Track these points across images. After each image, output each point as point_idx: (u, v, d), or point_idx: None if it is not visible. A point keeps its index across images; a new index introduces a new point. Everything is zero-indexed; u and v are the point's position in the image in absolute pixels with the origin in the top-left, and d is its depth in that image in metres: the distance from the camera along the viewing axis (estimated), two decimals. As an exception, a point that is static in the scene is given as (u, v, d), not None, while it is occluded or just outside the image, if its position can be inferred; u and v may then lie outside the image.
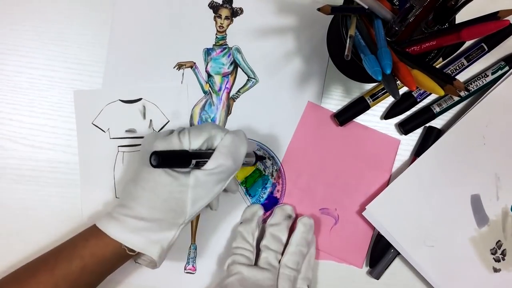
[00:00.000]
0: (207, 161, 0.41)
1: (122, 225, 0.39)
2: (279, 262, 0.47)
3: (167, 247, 0.41)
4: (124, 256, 0.40)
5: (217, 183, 0.42)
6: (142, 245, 0.39)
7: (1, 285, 0.39)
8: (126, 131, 0.52)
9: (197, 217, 0.52)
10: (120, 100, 0.52)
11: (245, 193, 0.53)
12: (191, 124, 0.53)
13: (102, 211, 0.51)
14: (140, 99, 0.53)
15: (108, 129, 0.52)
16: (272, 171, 0.53)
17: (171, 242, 0.41)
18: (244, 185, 0.53)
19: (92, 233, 0.40)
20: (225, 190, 0.47)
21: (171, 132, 0.43)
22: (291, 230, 0.50)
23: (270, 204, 0.53)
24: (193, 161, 0.40)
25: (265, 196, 0.53)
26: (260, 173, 0.53)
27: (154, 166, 0.38)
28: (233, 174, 0.43)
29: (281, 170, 0.53)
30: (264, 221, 0.51)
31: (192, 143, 0.41)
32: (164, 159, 0.38)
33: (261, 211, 0.50)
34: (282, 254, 0.48)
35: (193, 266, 0.51)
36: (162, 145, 0.41)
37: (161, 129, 0.53)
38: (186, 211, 0.41)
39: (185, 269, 0.51)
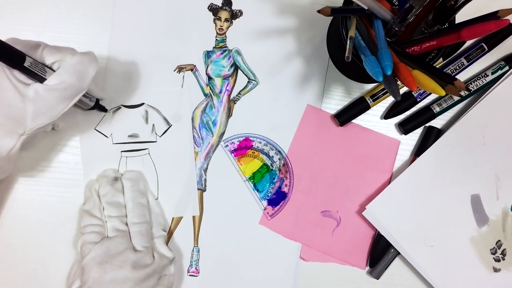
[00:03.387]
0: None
1: None
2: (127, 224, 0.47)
3: (6, 155, 0.40)
4: None
5: (60, 101, 0.40)
6: None
7: None
8: (129, 136, 0.52)
9: (200, 219, 0.52)
10: (122, 105, 0.52)
11: (253, 188, 0.53)
12: (193, 128, 0.53)
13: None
14: (143, 104, 0.53)
15: (111, 134, 0.52)
16: (279, 165, 0.53)
17: (11, 150, 0.40)
18: (252, 180, 0.53)
19: None
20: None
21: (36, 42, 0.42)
22: None
23: (279, 199, 0.53)
24: (27, 64, 0.39)
25: (273, 191, 0.53)
26: (267, 168, 0.53)
27: None
28: (77, 94, 0.42)
29: (288, 164, 0.53)
30: None
31: (45, 57, 0.41)
32: (1, 47, 0.37)
33: (96, 184, 0.49)
34: None
35: (196, 269, 0.51)
36: (18, 45, 0.40)
37: (164, 133, 0.52)
38: (26, 123, 0.40)
39: (188, 272, 0.51)
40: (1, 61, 0.39)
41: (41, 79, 0.40)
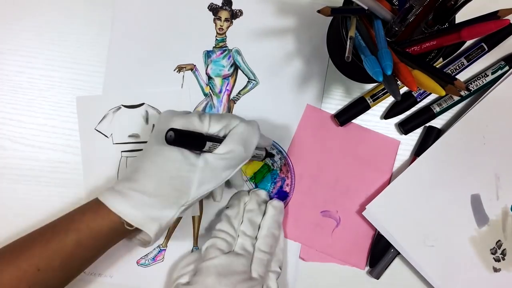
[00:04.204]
0: (218, 146, 0.41)
1: (124, 198, 0.38)
2: (254, 246, 0.47)
3: (165, 226, 0.40)
4: (120, 232, 0.39)
5: (225, 169, 0.41)
6: (141, 221, 0.38)
7: None
8: (129, 136, 0.52)
9: (199, 219, 0.52)
10: (122, 105, 0.52)
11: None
12: None
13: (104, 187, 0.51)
14: (143, 104, 0.53)
15: (111, 134, 0.52)
16: (281, 165, 0.53)
17: (169, 221, 0.40)
18: (253, 180, 0.53)
19: (91, 207, 0.40)
20: (229, 185, 0.46)
21: (189, 112, 0.43)
22: None
23: (280, 198, 0.53)
24: (207, 146, 0.39)
25: (274, 191, 0.53)
26: (268, 168, 0.53)
27: (168, 142, 0.37)
28: (243, 162, 0.43)
29: (289, 164, 0.53)
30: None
31: (212, 126, 0.41)
32: (180, 136, 0.37)
33: (247, 198, 0.50)
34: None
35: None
36: (180, 122, 0.40)
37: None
38: (190, 192, 0.40)
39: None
40: (184, 147, 0.40)
41: (213, 146, 0.41)
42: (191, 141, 0.39)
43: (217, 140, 0.41)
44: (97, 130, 0.52)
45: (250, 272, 0.45)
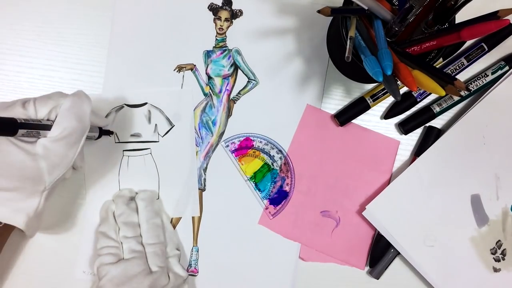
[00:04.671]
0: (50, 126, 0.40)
1: None
2: (142, 244, 0.47)
3: (34, 215, 0.40)
4: None
5: (69, 148, 0.41)
6: (7, 215, 0.39)
7: None
8: (131, 135, 0.52)
9: (199, 219, 0.52)
10: (125, 104, 0.52)
11: (254, 188, 0.53)
12: (195, 127, 0.53)
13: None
14: (146, 103, 0.53)
15: (114, 133, 0.52)
16: (281, 164, 0.53)
17: (37, 209, 0.40)
18: (253, 180, 0.53)
19: None
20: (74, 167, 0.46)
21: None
22: None
23: (280, 198, 0.53)
24: (22, 130, 0.39)
25: (275, 190, 0.53)
26: (268, 168, 0.53)
27: None
28: (82, 135, 0.42)
29: (289, 163, 0.53)
30: None
31: (39, 111, 0.41)
32: None
33: (113, 205, 0.49)
34: None
35: (195, 268, 0.51)
36: (3, 114, 0.40)
37: (166, 133, 0.53)
38: (44, 179, 0.40)
39: (187, 271, 0.51)
40: (2, 134, 0.39)
41: (44, 134, 0.40)
42: (3, 127, 0.38)
43: (40, 124, 0.40)
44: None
45: (148, 268, 0.45)
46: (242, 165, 0.53)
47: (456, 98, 0.53)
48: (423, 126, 0.54)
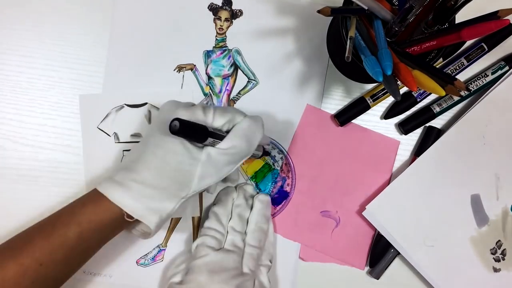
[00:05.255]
0: (220, 141, 0.41)
1: (124, 189, 0.38)
2: (243, 242, 0.47)
3: (165, 218, 0.40)
4: (121, 223, 0.39)
5: (227, 164, 0.41)
6: (141, 212, 0.38)
7: None
8: (131, 135, 0.52)
9: (199, 219, 0.52)
10: (125, 104, 0.52)
11: (254, 188, 0.53)
12: None
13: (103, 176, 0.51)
14: (145, 103, 0.53)
15: (114, 133, 0.52)
16: (282, 164, 0.53)
17: (170, 213, 0.40)
18: (254, 180, 0.53)
19: (91, 198, 0.39)
20: (225, 179, 0.46)
21: (193, 104, 0.42)
22: None
23: (281, 198, 0.53)
24: (210, 139, 0.39)
25: (275, 190, 0.53)
26: (269, 168, 0.53)
27: (172, 132, 0.36)
28: (244, 158, 0.42)
29: (290, 164, 0.53)
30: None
31: (216, 120, 0.41)
32: (184, 127, 0.36)
33: (235, 193, 0.50)
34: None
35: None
36: (185, 115, 0.40)
37: None
38: (191, 185, 0.40)
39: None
40: (188, 139, 0.39)
41: (216, 141, 0.41)
42: (195, 133, 0.38)
43: (220, 135, 0.41)
44: (99, 129, 0.52)
45: (241, 267, 0.45)
46: (243, 165, 0.53)
47: (456, 98, 0.53)
48: (423, 126, 0.54)
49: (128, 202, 0.38)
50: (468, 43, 0.54)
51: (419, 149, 0.53)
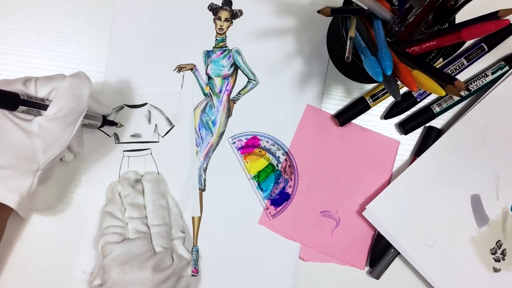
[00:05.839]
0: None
1: None
2: (147, 225, 0.47)
3: (27, 195, 0.40)
4: None
5: (64, 128, 0.40)
6: (0, 194, 0.38)
7: None
8: (131, 135, 0.52)
9: (199, 219, 0.52)
10: (125, 105, 0.52)
11: (257, 187, 0.53)
12: (195, 128, 0.53)
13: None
14: (146, 103, 0.53)
15: (113, 133, 0.52)
16: (285, 166, 0.53)
17: (30, 189, 0.40)
18: (256, 179, 0.53)
19: None
20: (68, 150, 0.47)
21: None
22: None
23: (282, 199, 0.53)
24: (23, 107, 0.39)
25: (277, 191, 0.53)
26: (273, 168, 0.53)
27: None
28: (79, 116, 0.42)
29: (294, 166, 0.53)
30: None
31: (39, 90, 0.41)
32: None
33: (119, 186, 0.50)
34: None
35: (195, 268, 0.51)
36: (2, 87, 0.39)
37: (166, 134, 0.52)
38: (38, 158, 0.40)
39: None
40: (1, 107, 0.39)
41: (41, 113, 0.40)
42: (1, 100, 0.38)
43: (41, 103, 0.40)
44: (99, 129, 0.52)
45: (152, 249, 0.45)
46: (247, 163, 0.53)
47: (456, 98, 0.53)
48: (423, 126, 0.54)
49: None
50: (468, 43, 0.54)
51: (419, 149, 0.53)
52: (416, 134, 0.54)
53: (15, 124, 0.39)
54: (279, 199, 0.53)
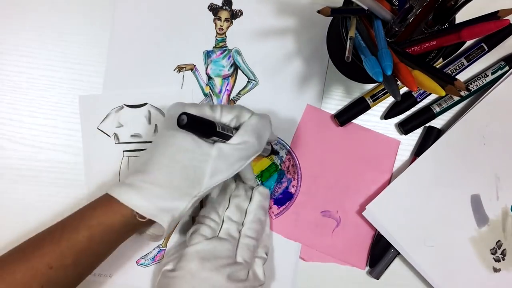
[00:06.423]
0: (231, 137, 0.41)
1: (135, 190, 0.38)
2: (240, 232, 0.47)
3: (178, 217, 0.39)
4: (132, 225, 0.39)
5: (238, 160, 0.41)
6: (154, 212, 0.37)
7: (6, 258, 0.38)
8: (131, 136, 0.52)
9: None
10: (125, 105, 0.52)
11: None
12: None
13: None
14: (145, 104, 0.53)
15: (113, 133, 0.52)
16: (289, 165, 0.53)
17: (182, 212, 0.39)
18: (260, 178, 0.53)
19: (101, 202, 0.39)
20: (239, 179, 0.47)
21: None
22: None
23: (285, 199, 0.53)
24: (218, 134, 0.39)
25: (280, 190, 0.53)
26: (276, 168, 0.53)
27: (180, 126, 0.36)
28: (255, 154, 0.42)
29: (297, 166, 0.53)
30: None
31: (223, 116, 0.41)
32: (193, 121, 0.37)
33: (233, 185, 0.50)
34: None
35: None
36: (193, 110, 0.40)
37: None
38: (202, 182, 0.39)
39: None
40: (196, 133, 0.39)
41: (224, 140, 0.41)
42: (203, 127, 0.38)
43: (227, 131, 0.41)
44: (99, 129, 0.52)
45: (234, 257, 0.45)
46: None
47: (456, 98, 0.53)
48: (423, 126, 0.54)
49: (139, 203, 0.37)
50: (468, 43, 0.54)
51: (419, 149, 0.53)
52: (416, 134, 0.54)
53: (197, 144, 0.39)
54: (282, 199, 0.53)
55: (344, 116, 0.52)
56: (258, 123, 0.42)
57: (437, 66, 0.53)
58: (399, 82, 0.39)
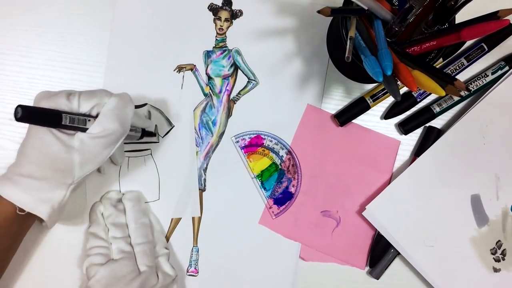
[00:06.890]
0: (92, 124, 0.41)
1: (14, 184, 0.39)
2: (131, 244, 0.47)
3: (57, 207, 0.40)
4: (18, 219, 0.40)
5: (105, 147, 0.41)
6: (32, 205, 0.39)
7: None
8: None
9: (199, 219, 0.52)
10: None
11: (260, 186, 0.53)
12: (195, 128, 0.53)
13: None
14: (145, 103, 0.53)
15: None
16: (289, 165, 0.53)
17: (61, 202, 0.40)
18: (259, 178, 0.53)
19: None
20: (110, 161, 0.47)
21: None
22: None
23: (285, 198, 0.53)
24: (66, 122, 0.39)
25: (280, 190, 0.53)
26: (276, 167, 0.53)
27: (16, 119, 0.37)
28: (121, 137, 0.42)
29: (297, 165, 0.53)
30: None
31: (82, 105, 0.41)
32: (29, 114, 0.37)
33: (101, 207, 0.50)
34: None
35: (195, 268, 0.51)
36: (46, 103, 0.40)
37: (166, 134, 0.52)
38: (74, 172, 0.40)
39: (187, 271, 0.51)
40: (39, 125, 0.39)
41: (83, 129, 0.41)
42: (43, 118, 0.39)
43: (81, 122, 0.41)
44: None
45: (137, 268, 0.45)
46: (250, 162, 0.53)
47: (456, 98, 0.53)
48: (423, 126, 0.54)
49: (19, 197, 0.39)
50: (468, 43, 0.54)
51: (419, 149, 0.53)
52: (416, 134, 0.54)
53: (56, 138, 0.39)
54: (282, 198, 0.53)
55: (344, 116, 0.52)
56: (116, 105, 0.42)
57: (437, 66, 0.54)
58: (399, 82, 0.39)
